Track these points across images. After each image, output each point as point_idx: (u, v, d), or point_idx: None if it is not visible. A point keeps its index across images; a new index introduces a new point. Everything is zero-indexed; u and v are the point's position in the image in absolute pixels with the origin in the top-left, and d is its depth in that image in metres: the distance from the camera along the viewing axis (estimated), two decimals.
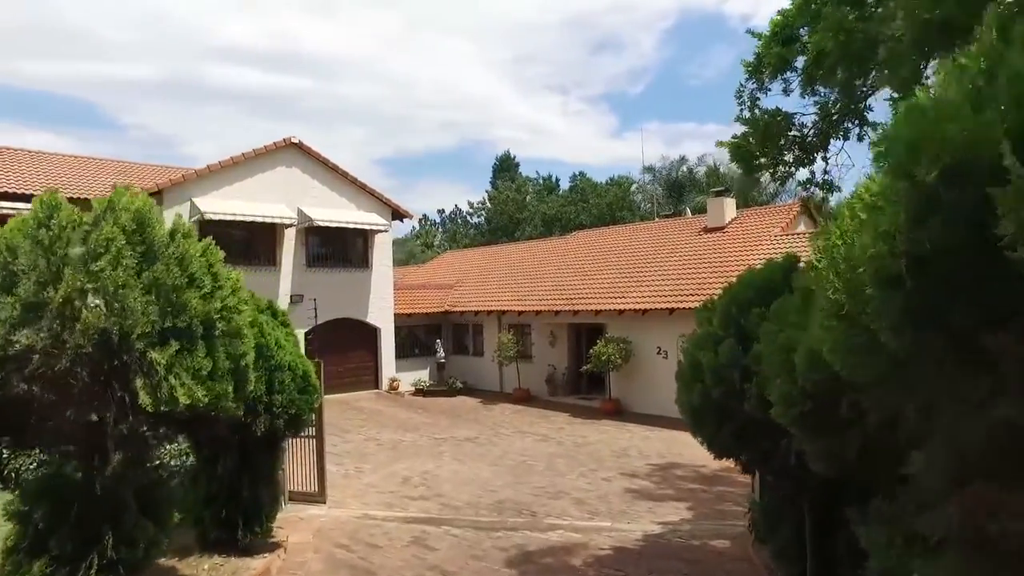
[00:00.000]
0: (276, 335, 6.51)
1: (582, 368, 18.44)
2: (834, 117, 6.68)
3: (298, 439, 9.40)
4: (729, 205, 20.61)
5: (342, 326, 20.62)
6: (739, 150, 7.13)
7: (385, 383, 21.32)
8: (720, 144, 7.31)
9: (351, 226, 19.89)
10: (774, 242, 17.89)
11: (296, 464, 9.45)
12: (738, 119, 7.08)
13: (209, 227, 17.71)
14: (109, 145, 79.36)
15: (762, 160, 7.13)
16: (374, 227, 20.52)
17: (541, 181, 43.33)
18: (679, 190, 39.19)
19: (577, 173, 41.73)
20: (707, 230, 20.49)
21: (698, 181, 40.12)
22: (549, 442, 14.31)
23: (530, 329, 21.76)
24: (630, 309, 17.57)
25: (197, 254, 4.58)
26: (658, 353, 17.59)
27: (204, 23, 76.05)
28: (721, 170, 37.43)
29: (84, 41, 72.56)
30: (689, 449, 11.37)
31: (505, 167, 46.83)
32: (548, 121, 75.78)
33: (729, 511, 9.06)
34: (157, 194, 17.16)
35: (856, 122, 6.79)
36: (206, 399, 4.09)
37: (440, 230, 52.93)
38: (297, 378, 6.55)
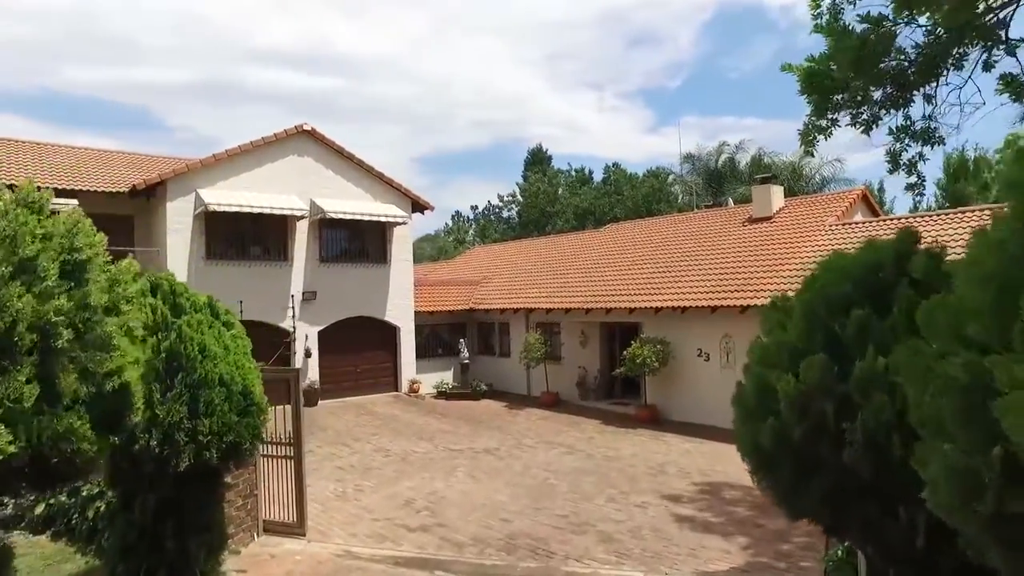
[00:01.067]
0: (205, 340, 5.11)
1: (616, 371, 16.85)
2: (943, 36, 4.87)
3: (278, 460, 8.11)
4: (776, 193, 18.72)
5: (358, 325, 19.41)
6: (814, 78, 5.16)
7: (405, 385, 20.05)
8: (786, 68, 5.46)
9: (368, 218, 18.64)
10: (829, 233, 16.01)
11: (276, 488, 8.13)
12: (817, 29, 5.16)
13: (216, 220, 16.67)
14: (159, 147, 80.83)
15: (841, 96, 5.27)
16: (393, 219, 19.24)
17: (573, 173, 41.56)
18: (719, 181, 37.05)
19: (611, 164, 40.04)
20: (752, 220, 18.65)
21: (739, 172, 37.94)
22: (576, 455, 12.79)
23: (559, 328, 20.23)
24: (668, 307, 15.88)
25: (39, 234, 3.17)
26: (699, 355, 15.89)
27: (241, 27, 76.97)
28: (764, 159, 35.20)
29: (127, 47, 73.67)
30: (736, 466, 9.70)
31: (537, 160, 45.24)
32: (583, 117, 74.72)
33: (794, 554, 7.40)
34: (160, 185, 16.17)
35: (979, 43, 4.96)
36: (16, 445, 2.71)
37: (472, 226, 51.81)
38: (234, 396, 5.17)
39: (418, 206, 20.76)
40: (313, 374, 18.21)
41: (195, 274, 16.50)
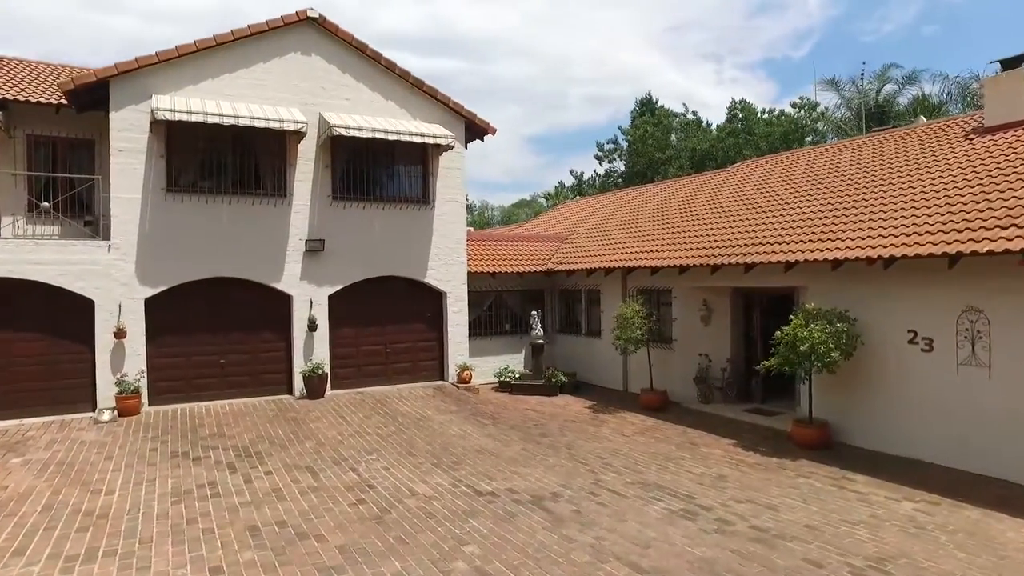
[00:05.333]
0: None
1: (760, 365, 10.53)
2: None
3: None
4: None
5: (387, 288, 14.22)
6: None
7: (452, 372, 14.69)
8: None
9: (398, 137, 13.26)
10: None
11: None
12: None
13: (181, 139, 11.98)
14: None
15: None
16: (435, 140, 13.75)
17: (690, 115, 34.26)
18: (880, 119, 28.63)
19: (738, 101, 32.26)
20: (982, 131, 11.58)
21: (901, 114, 29.52)
22: (700, 522, 6.84)
23: (670, 297, 14.06)
24: (861, 258, 9.35)
25: None
26: (912, 341, 9.32)
27: (366, 11, 77.23)
28: (936, 97, 26.56)
29: None
30: None
31: (646, 112, 38.25)
32: (700, 91, 68.69)
33: None
34: (100, 85, 11.53)
35: None
36: None
37: (574, 191, 45.96)
38: None
39: (473, 126, 15.15)
40: (320, 353, 13.22)
41: (150, 212, 11.86)
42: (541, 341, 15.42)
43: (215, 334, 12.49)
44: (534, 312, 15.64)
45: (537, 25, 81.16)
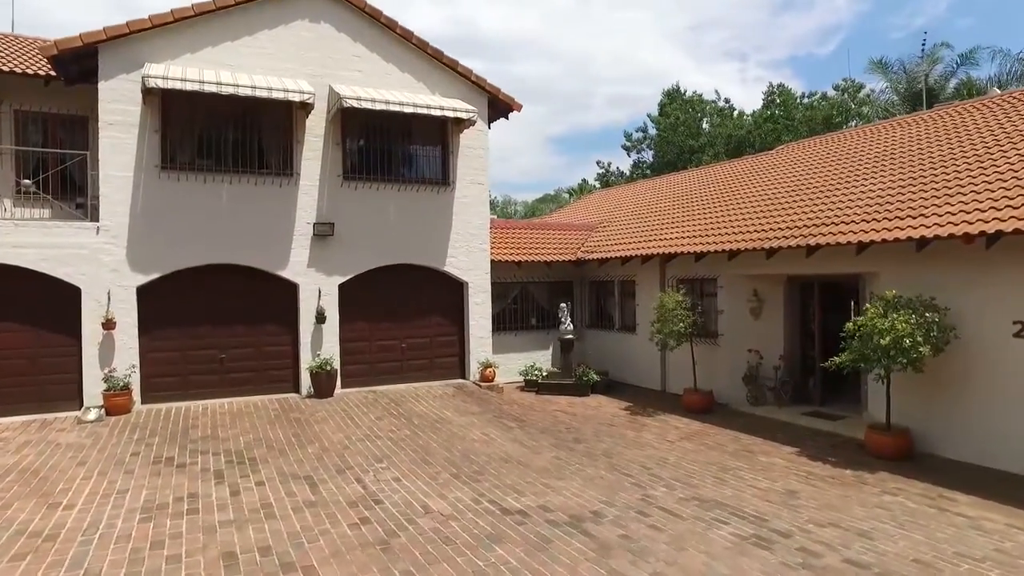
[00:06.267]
0: None
1: (830, 361, 9.07)
2: None
3: None
4: None
5: (402, 278, 13.03)
6: None
7: (474, 370, 13.45)
8: None
9: (414, 110, 12.06)
10: None
11: None
12: None
13: (176, 111, 10.94)
14: None
15: None
16: (456, 114, 12.52)
17: (723, 102, 32.51)
18: (930, 101, 26.71)
19: (776, 85, 30.45)
20: None
21: (950, 99, 27.64)
22: (774, 551, 5.51)
23: (715, 287, 12.67)
24: (956, 235, 7.89)
25: None
26: (1018, 335, 7.85)
27: (391, 13, 77.01)
28: (993, 79, 24.65)
29: None
30: None
31: (674, 100, 36.60)
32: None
33: None
34: (89, 53, 10.50)
35: None
36: None
37: (601, 184, 44.58)
38: None
39: (498, 105, 13.90)
40: (329, 348, 12.07)
41: (143, 192, 10.80)
42: (571, 336, 14.12)
43: (214, 326, 11.40)
44: (563, 305, 14.34)
45: (559, 25, 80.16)
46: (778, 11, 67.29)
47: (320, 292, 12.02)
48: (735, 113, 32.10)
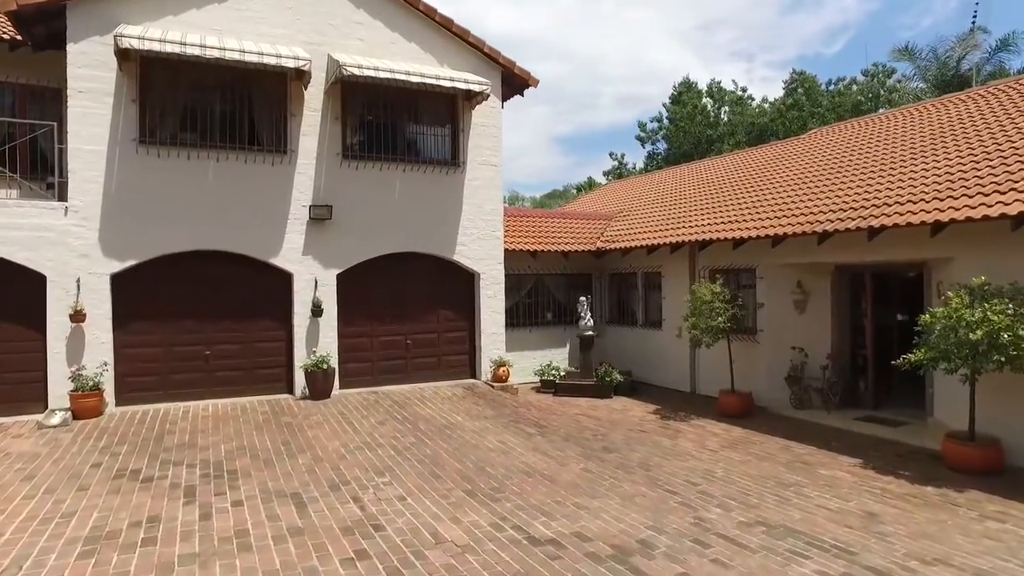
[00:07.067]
0: None
1: (902, 359, 7.81)
2: None
3: None
4: None
5: (407, 268, 11.86)
6: None
7: (486, 368, 12.26)
8: None
9: (424, 81, 10.88)
10: None
11: None
12: None
13: (157, 79, 9.79)
14: None
15: None
16: (468, 86, 11.34)
17: (740, 91, 31.09)
18: (961, 88, 25.36)
19: (797, 73, 29.06)
20: None
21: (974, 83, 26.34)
22: None
23: (754, 278, 11.44)
24: None
25: None
26: None
27: None
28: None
29: None
30: None
31: (688, 90, 35.18)
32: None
33: None
34: (57, 12, 9.34)
35: None
36: None
37: (614, 176, 43.38)
38: None
39: (512, 77, 12.71)
40: (326, 344, 10.90)
41: (119, 168, 9.65)
42: (591, 333, 12.91)
43: (198, 320, 10.24)
44: (583, 299, 13.13)
45: (567, 25, 79.07)
46: (786, 11, 66.04)
47: (317, 282, 10.85)
48: (754, 103, 30.77)
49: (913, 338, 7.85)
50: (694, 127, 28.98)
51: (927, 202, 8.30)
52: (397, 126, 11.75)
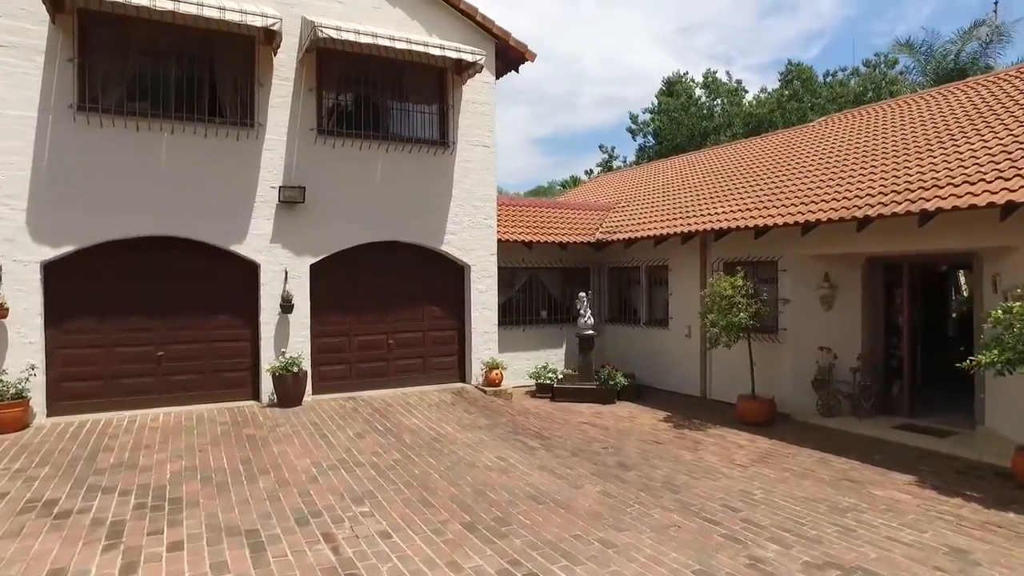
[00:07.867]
0: None
1: (966, 362, 6.74)
2: None
3: None
4: None
5: (390, 258, 10.61)
6: None
7: (476, 371, 11.05)
8: None
9: (411, 47, 9.65)
10: None
11: None
12: None
13: (99, 39, 8.44)
14: None
15: None
16: (459, 55, 10.12)
17: (735, 83, 30.10)
18: (963, 77, 24.65)
19: (794, 64, 28.13)
20: None
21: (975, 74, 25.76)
22: None
23: (775, 271, 10.35)
24: None
25: None
26: None
27: None
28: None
29: None
30: None
31: (679, 81, 33.92)
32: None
33: None
34: None
35: None
36: None
37: (604, 171, 42.25)
38: None
39: (506, 51, 11.51)
40: (297, 344, 9.61)
41: (52, 138, 8.28)
42: (591, 332, 11.74)
43: (149, 316, 8.91)
44: (582, 295, 11.97)
45: (547, 26, 78.39)
46: (764, 15, 65.91)
47: (287, 274, 9.56)
48: (749, 95, 29.87)
49: (942, 337, 6.81)
50: (688, 118, 28.00)
51: (988, 182, 7.25)
52: (380, 100, 10.49)
